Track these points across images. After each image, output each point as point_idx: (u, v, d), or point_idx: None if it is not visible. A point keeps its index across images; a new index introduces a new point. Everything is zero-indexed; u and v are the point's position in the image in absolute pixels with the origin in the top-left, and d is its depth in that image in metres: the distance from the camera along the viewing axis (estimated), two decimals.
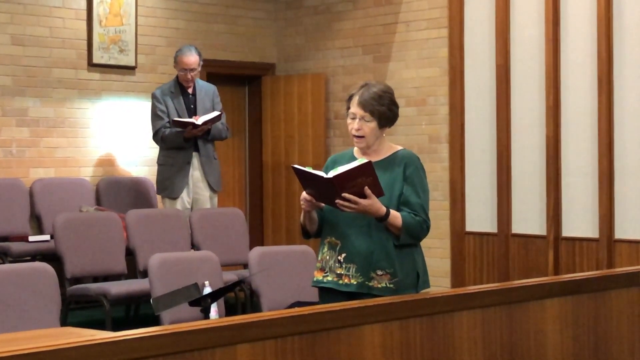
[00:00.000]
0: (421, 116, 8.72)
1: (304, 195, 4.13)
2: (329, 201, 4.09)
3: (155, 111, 8.00)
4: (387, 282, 4.14)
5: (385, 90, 4.27)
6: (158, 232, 7.52)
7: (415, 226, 4.15)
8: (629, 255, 7.60)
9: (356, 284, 4.15)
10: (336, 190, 4.00)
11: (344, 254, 4.19)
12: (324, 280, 4.24)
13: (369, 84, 4.29)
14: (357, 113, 4.22)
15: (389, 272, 4.15)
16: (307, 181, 4.10)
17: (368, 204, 4.03)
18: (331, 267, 4.22)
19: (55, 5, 8.43)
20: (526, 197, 8.16)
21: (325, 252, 4.26)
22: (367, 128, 4.22)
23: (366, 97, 4.21)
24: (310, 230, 4.29)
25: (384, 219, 4.10)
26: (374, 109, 4.20)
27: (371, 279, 4.15)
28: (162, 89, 8.09)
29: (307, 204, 4.13)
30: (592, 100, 7.82)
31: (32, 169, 8.26)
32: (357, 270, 4.16)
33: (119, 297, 6.75)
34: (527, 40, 8.17)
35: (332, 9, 9.60)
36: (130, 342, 2.78)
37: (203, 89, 8.18)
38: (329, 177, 3.99)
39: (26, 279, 5.23)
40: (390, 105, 4.25)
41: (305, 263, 6.42)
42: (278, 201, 9.81)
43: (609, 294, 4.36)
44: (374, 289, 4.13)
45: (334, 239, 4.23)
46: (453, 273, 8.56)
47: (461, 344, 3.73)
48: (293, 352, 3.19)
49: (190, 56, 7.98)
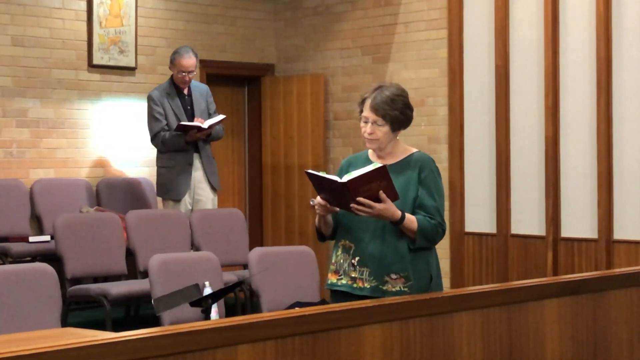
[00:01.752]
0: (420, 117, 8.72)
1: (319, 199, 4.09)
2: (343, 205, 4.05)
3: (153, 113, 7.95)
4: (402, 285, 4.10)
5: (399, 94, 4.21)
6: (158, 233, 7.52)
7: (430, 229, 4.11)
8: (627, 255, 7.61)
9: (370, 287, 4.11)
10: (350, 195, 3.96)
11: (357, 258, 4.16)
12: (338, 284, 4.21)
13: (382, 86, 4.23)
14: (370, 117, 4.18)
15: (402, 275, 4.10)
16: (321, 186, 4.07)
17: (383, 208, 3.99)
18: (345, 270, 4.19)
19: (55, 6, 8.44)
20: (525, 198, 8.17)
21: (339, 255, 4.22)
22: (379, 132, 4.18)
23: (379, 101, 4.16)
24: (325, 233, 4.26)
25: (399, 223, 4.06)
26: (386, 114, 4.16)
27: (385, 282, 4.10)
28: (158, 90, 8.04)
29: (322, 208, 4.10)
30: (591, 101, 7.83)
31: (32, 169, 8.27)
32: (371, 274, 4.12)
33: (119, 298, 6.74)
34: (526, 41, 8.18)
35: (331, 10, 9.60)
36: (130, 342, 2.79)
37: (197, 90, 8.16)
38: (343, 181, 3.96)
39: (26, 280, 5.24)
40: (403, 109, 4.21)
41: (305, 264, 6.43)
42: (277, 202, 9.82)
43: (607, 294, 4.37)
44: (388, 293, 4.07)
45: (348, 242, 4.20)
46: (452, 273, 8.57)
47: (461, 344, 3.74)
48: (293, 353, 3.20)
49: (189, 59, 7.95)
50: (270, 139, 9.90)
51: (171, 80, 8.07)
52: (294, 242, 9.26)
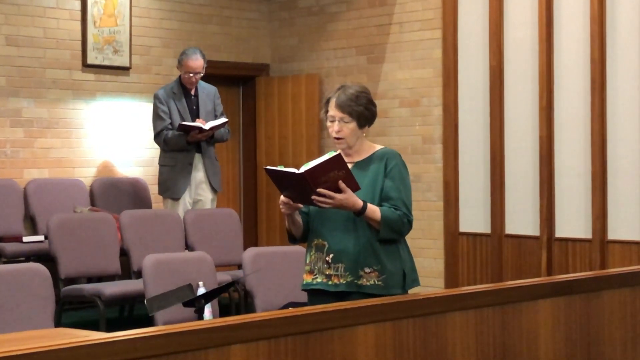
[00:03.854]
0: (415, 117, 8.73)
1: (282, 198, 4.14)
2: (306, 200, 4.09)
3: (158, 112, 7.99)
4: (376, 279, 4.17)
5: (362, 91, 4.32)
6: (152, 233, 7.52)
7: (395, 220, 4.17)
8: (621, 255, 7.62)
9: (345, 283, 4.18)
10: (310, 187, 4.01)
11: (331, 255, 4.21)
12: (313, 283, 4.26)
13: (344, 86, 4.35)
14: (336, 115, 4.27)
15: (376, 269, 4.17)
16: (282, 182, 4.11)
17: (343, 197, 4.06)
18: (320, 268, 4.24)
19: (49, 6, 8.43)
20: (519, 198, 8.17)
21: (313, 255, 4.28)
22: (346, 129, 4.26)
23: (343, 98, 4.26)
24: (295, 234, 4.33)
25: (361, 213, 4.12)
26: (352, 110, 4.25)
27: (360, 277, 4.17)
28: (165, 89, 8.07)
29: (286, 206, 4.16)
30: (585, 101, 7.84)
31: (26, 169, 8.26)
32: (346, 269, 4.18)
33: (113, 298, 6.74)
34: (520, 42, 8.19)
35: (326, 10, 9.60)
36: (123, 342, 2.79)
37: (205, 91, 8.19)
38: (301, 172, 4.00)
39: (20, 280, 5.23)
40: (367, 104, 4.30)
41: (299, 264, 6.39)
42: (272, 202, 9.81)
43: (601, 294, 4.38)
44: (363, 287, 4.16)
45: (321, 240, 4.25)
46: (447, 273, 8.57)
47: (454, 345, 3.74)
48: (286, 353, 3.19)
49: (196, 60, 7.97)
50: (265, 139, 9.90)
51: (179, 80, 8.09)
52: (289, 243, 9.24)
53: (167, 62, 8.99)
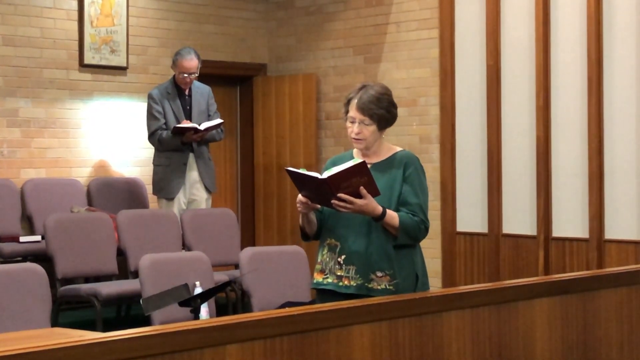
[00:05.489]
0: (412, 117, 8.73)
1: (300, 197, 4.10)
2: (324, 202, 4.06)
3: (152, 112, 7.99)
4: (387, 283, 4.11)
5: (383, 92, 4.24)
6: (149, 233, 7.51)
7: (412, 226, 4.12)
8: (618, 255, 7.62)
9: (355, 285, 4.13)
10: (331, 191, 3.98)
11: (343, 256, 4.17)
12: (324, 282, 4.22)
13: (366, 85, 4.27)
14: (357, 117, 4.20)
15: (388, 273, 4.12)
16: (302, 183, 4.07)
17: (364, 203, 4.01)
18: (331, 268, 4.20)
19: (46, 6, 8.42)
20: (516, 198, 8.17)
21: (325, 254, 4.23)
22: (366, 131, 4.20)
23: (365, 100, 4.19)
24: (309, 232, 4.26)
25: (380, 219, 4.07)
26: (373, 113, 4.19)
27: (371, 280, 4.12)
28: (159, 89, 8.07)
29: (303, 206, 4.10)
30: (582, 101, 7.84)
31: (23, 169, 8.25)
32: (357, 271, 4.13)
33: (109, 298, 6.74)
34: (517, 41, 8.19)
35: (323, 10, 9.60)
36: (119, 342, 2.79)
37: (199, 90, 8.19)
38: (324, 177, 3.97)
39: (17, 280, 5.23)
40: (389, 107, 4.23)
41: (297, 263, 6.43)
42: (269, 201, 9.81)
43: (598, 294, 4.38)
44: (373, 291, 4.09)
45: (334, 240, 4.21)
46: (444, 273, 8.57)
47: (450, 344, 3.74)
48: (282, 353, 3.19)
49: (191, 60, 7.97)
50: (263, 139, 9.90)
51: (173, 80, 8.09)
52: (286, 242, 9.25)
53: (165, 62, 8.98)
